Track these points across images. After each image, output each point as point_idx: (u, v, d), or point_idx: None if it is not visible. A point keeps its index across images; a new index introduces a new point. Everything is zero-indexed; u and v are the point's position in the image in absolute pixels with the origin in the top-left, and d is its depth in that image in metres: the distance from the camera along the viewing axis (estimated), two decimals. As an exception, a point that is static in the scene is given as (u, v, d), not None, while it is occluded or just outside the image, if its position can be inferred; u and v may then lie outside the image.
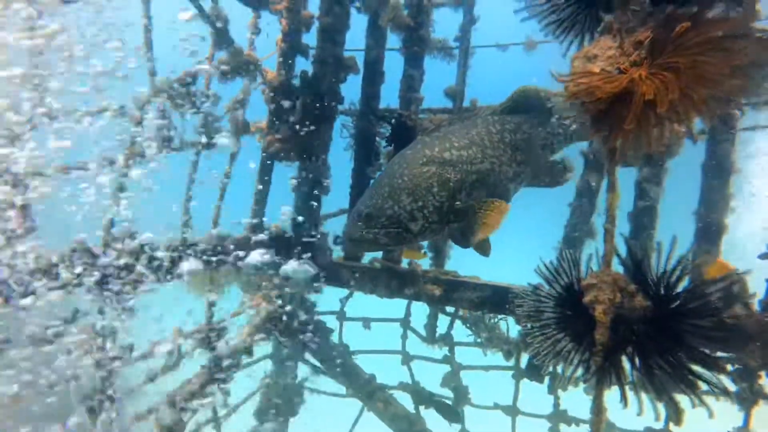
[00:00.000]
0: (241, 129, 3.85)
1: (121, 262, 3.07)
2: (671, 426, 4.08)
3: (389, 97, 4.37)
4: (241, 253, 4.03)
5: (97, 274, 3.06)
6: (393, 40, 4.43)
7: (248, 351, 4.49)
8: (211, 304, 4.13)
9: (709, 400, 2.18)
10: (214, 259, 3.96)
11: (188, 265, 3.59)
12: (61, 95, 2.96)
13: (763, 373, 3.45)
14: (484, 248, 3.39)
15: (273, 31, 4.38)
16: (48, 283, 2.87)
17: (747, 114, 3.66)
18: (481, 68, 4.59)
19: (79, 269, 2.93)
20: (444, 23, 4.40)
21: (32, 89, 2.81)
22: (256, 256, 4.12)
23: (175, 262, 3.50)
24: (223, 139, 3.69)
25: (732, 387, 3.63)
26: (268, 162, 4.47)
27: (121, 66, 3.19)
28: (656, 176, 3.79)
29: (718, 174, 3.65)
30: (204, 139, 3.48)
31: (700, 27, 1.76)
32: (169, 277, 3.42)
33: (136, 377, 3.52)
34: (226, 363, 4.04)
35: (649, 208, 3.77)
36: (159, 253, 3.24)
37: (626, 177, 3.88)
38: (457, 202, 3.14)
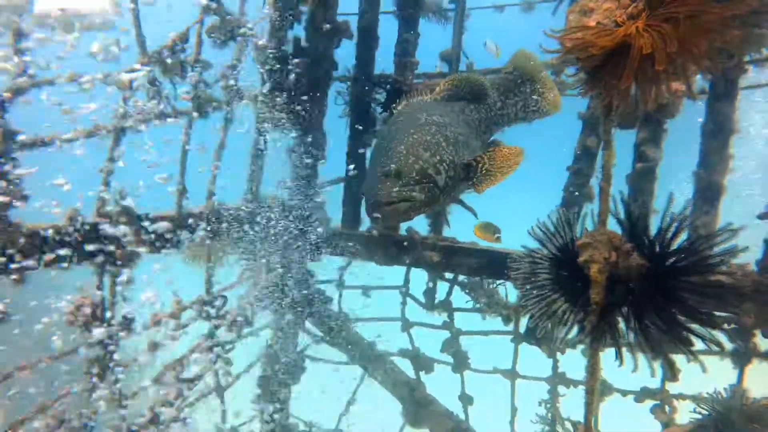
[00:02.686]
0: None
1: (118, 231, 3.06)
2: (667, 384, 4.14)
3: (384, 61, 4.30)
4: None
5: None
6: (387, 2, 4.33)
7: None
8: (210, 275, 4.15)
9: (703, 358, 2.20)
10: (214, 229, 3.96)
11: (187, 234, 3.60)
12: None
13: (757, 332, 3.48)
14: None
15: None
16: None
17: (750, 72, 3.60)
18: (478, 31, 4.49)
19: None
20: (439, -15, 4.30)
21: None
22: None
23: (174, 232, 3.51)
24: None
25: (727, 345, 3.67)
26: (263, 130, 4.43)
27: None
28: (655, 137, 3.75)
29: (717, 135, 3.61)
30: (195, 108, 3.42)
31: (699, -25, 1.70)
32: (168, 246, 3.42)
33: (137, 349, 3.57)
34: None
35: (648, 170, 3.74)
36: (156, 224, 3.23)
37: (626, 139, 3.85)
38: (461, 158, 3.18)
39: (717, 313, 3.37)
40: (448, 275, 4.81)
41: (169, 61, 3.27)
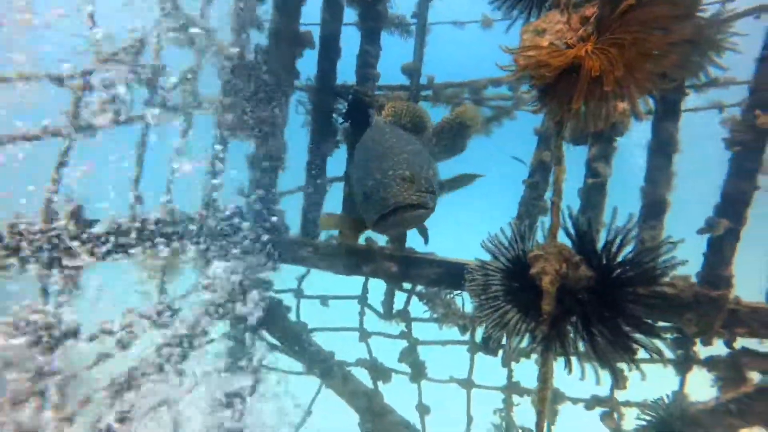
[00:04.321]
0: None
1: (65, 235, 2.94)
2: (615, 392, 4.29)
3: (346, 73, 4.33)
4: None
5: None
6: (350, 14, 4.37)
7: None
8: (164, 284, 4.04)
9: (648, 366, 2.30)
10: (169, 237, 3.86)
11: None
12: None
13: (697, 341, 3.66)
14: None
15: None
16: None
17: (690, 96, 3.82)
18: (438, 45, 4.59)
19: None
20: (401, -1, 4.37)
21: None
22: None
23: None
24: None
25: (669, 354, 3.84)
26: (223, 137, 4.37)
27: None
28: (605, 154, 3.90)
29: (662, 153, 3.78)
30: (151, 113, 3.34)
31: (643, 5, 1.80)
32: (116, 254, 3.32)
33: (84, 360, 3.43)
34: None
35: (599, 185, 3.89)
36: (100, 229, 3.13)
37: (579, 155, 4.00)
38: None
39: (660, 323, 3.53)
40: (406, 285, 4.85)
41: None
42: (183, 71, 3.75)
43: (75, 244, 2.95)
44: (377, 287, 5.00)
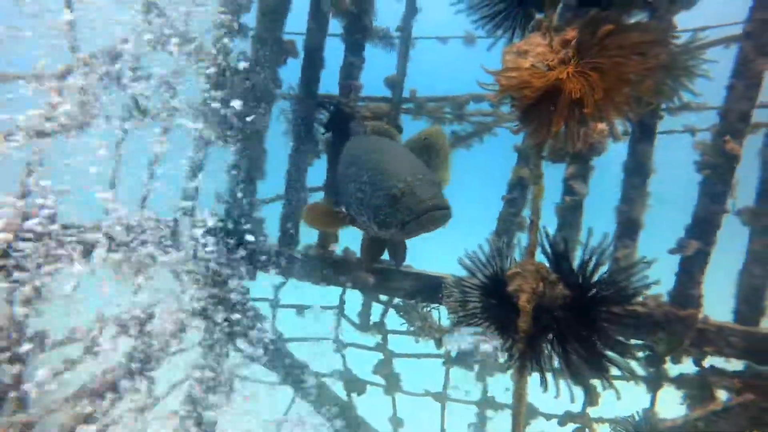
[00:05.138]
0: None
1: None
2: (588, 408, 4.33)
3: (329, 83, 4.33)
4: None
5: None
6: (335, 26, 4.38)
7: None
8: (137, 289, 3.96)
9: (620, 383, 2.33)
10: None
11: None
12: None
13: (668, 359, 3.73)
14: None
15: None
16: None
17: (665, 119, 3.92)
18: (422, 59, 4.64)
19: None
20: (386, 12, 4.39)
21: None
22: None
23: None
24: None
25: (641, 371, 3.90)
26: (203, 144, 4.32)
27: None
28: (583, 173, 3.97)
29: (637, 173, 3.87)
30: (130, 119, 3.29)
31: (620, 31, 1.85)
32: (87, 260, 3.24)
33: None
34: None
35: (575, 204, 3.95)
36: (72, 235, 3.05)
37: (556, 173, 4.06)
38: None
39: (632, 341, 3.59)
40: (383, 297, 4.85)
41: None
42: (163, 76, 3.71)
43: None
44: (354, 298, 4.98)
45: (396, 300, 4.74)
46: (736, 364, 3.70)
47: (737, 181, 3.53)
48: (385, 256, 4.05)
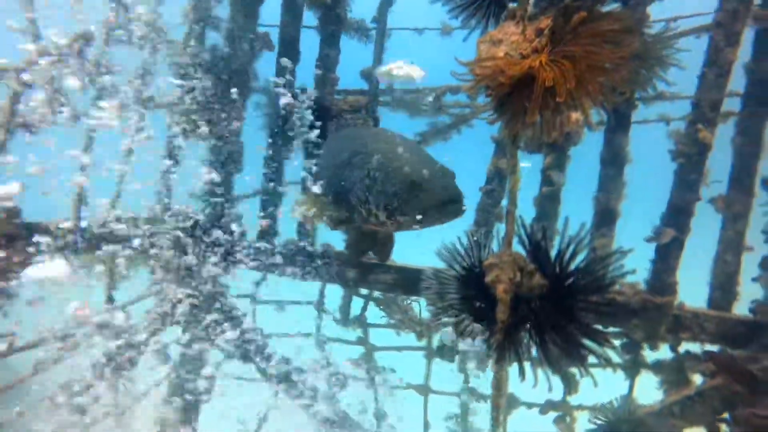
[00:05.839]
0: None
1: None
2: (568, 397, 4.38)
3: (304, 76, 4.27)
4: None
5: None
6: (309, 17, 4.32)
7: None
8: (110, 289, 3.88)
9: (599, 371, 2.35)
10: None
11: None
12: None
13: (645, 345, 3.78)
14: None
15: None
16: None
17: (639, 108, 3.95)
18: (398, 51, 4.60)
19: None
20: (361, 3, 4.35)
21: None
22: None
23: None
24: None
25: (618, 359, 3.96)
26: (177, 139, 4.23)
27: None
28: (560, 163, 3.99)
29: (614, 163, 3.90)
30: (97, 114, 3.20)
31: (594, 20, 1.84)
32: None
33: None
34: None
35: (553, 194, 3.97)
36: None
37: (536, 164, 4.07)
38: None
39: (610, 329, 3.63)
40: (363, 291, 4.83)
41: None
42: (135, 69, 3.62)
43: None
44: (334, 293, 4.96)
45: (376, 294, 4.72)
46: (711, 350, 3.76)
47: (709, 170, 3.58)
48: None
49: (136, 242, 3.82)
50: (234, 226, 4.41)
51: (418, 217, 2.95)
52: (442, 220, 3.00)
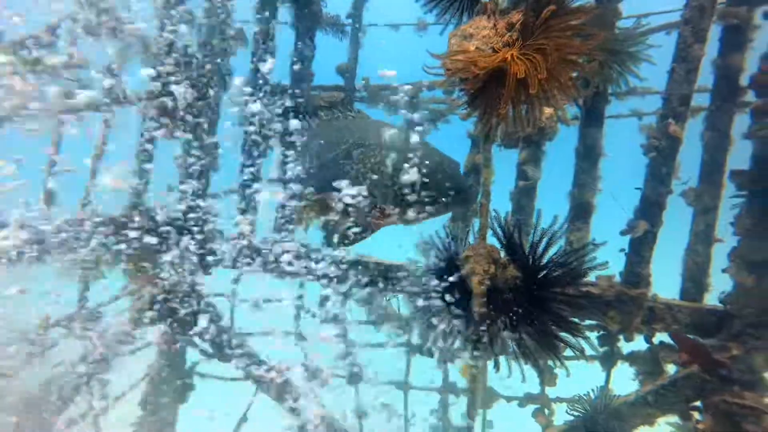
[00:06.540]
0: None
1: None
2: (547, 389, 4.43)
3: (279, 71, 4.22)
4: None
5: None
6: (284, 13, 4.27)
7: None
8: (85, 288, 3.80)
9: (576, 363, 2.38)
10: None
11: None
12: None
13: (620, 336, 3.84)
14: None
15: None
16: None
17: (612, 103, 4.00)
18: (373, 47, 4.59)
19: None
20: (336, -1, 4.33)
21: None
22: None
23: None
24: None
25: (592, 351, 4.01)
26: (150, 136, 4.15)
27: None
28: (535, 158, 4.02)
29: (588, 157, 3.95)
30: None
31: (563, 14, 1.86)
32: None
33: None
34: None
35: (529, 188, 4.00)
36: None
37: (512, 159, 4.10)
38: None
39: (586, 321, 3.68)
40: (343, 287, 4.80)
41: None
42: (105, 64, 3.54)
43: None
44: (313, 290, 4.92)
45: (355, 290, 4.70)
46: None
47: (679, 164, 3.65)
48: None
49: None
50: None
51: (429, 208, 3.01)
52: (451, 209, 3.06)
